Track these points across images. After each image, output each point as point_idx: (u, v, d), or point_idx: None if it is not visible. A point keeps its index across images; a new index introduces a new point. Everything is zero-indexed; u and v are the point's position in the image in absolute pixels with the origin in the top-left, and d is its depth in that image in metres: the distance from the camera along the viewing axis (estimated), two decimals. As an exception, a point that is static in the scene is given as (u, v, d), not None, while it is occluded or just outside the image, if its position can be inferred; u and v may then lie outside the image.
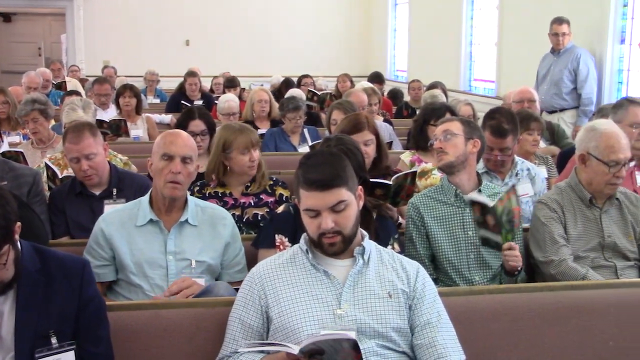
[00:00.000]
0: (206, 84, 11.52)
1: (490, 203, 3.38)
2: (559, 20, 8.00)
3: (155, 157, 3.40)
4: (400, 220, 4.09)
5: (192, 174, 3.45)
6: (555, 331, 3.02)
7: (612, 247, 3.67)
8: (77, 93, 8.22)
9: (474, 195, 3.53)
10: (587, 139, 3.75)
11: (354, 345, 2.33)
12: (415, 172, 4.13)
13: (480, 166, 4.26)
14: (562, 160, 5.38)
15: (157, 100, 11.51)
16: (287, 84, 10.63)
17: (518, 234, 3.60)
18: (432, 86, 8.93)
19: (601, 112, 5.58)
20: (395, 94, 11.01)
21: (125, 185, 4.16)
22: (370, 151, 4.18)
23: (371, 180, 3.74)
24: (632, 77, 8.41)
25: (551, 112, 7.88)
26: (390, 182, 3.85)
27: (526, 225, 3.87)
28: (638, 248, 3.71)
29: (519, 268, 3.47)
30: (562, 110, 7.85)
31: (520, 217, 3.48)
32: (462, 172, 3.74)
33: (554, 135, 6.39)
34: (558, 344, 3.02)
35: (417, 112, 6.85)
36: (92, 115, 5.50)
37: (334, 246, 2.63)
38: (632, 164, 4.31)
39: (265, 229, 3.54)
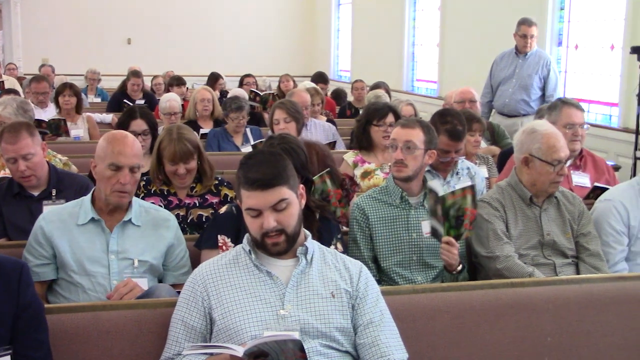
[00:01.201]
0: (149, 83, 11.40)
1: (441, 192, 3.40)
2: (528, 22, 7.64)
3: (101, 164, 3.33)
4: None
5: (139, 177, 3.42)
6: (496, 328, 3.06)
7: (551, 245, 3.74)
8: (15, 92, 8.05)
9: (432, 184, 3.53)
10: (529, 141, 3.81)
11: (299, 346, 2.33)
12: (329, 170, 4.03)
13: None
14: (502, 160, 5.46)
15: (99, 100, 11.34)
16: (215, 78, 10.70)
17: (463, 233, 3.60)
18: (376, 86, 8.98)
19: (539, 114, 5.68)
20: (338, 94, 11.04)
21: (65, 186, 4.09)
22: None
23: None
24: (569, 79, 8.61)
25: (514, 116, 7.62)
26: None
27: (467, 224, 3.92)
28: (575, 245, 3.79)
29: (459, 268, 3.51)
30: (525, 115, 7.53)
31: (472, 220, 3.48)
32: (414, 181, 3.77)
33: (494, 135, 6.48)
34: (498, 340, 3.06)
35: (360, 112, 6.88)
36: (29, 115, 5.37)
37: (278, 245, 2.63)
38: (568, 163, 4.40)
39: (208, 230, 3.51)
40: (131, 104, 8.59)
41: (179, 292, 2.81)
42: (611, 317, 3.17)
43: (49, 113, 7.54)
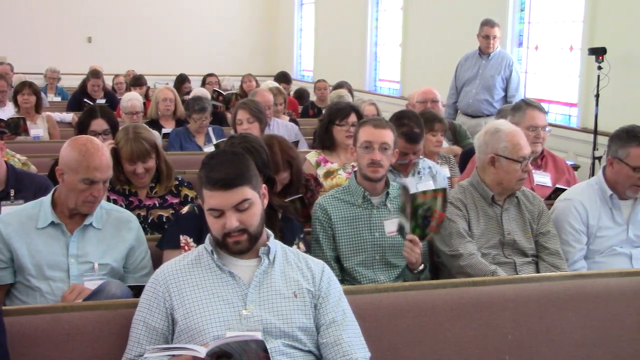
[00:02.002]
0: (110, 82, 11.29)
1: (412, 190, 3.41)
2: (490, 23, 7.67)
3: (72, 175, 3.25)
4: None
5: (107, 185, 3.41)
6: (458, 326, 3.08)
7: (512, 244, 3.78)
8: (-28, 91, 7.92)
9: (406, 181, 3.54)
10: (493, 141, 3.84)
11: (262, 346, 2.32)
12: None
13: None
14: (464, 160, 5.50)
15: (59, 99, 11.20)
16: (181, 80, 10.64)
17: (428, 234, 3.63)
18: (338, 86, 9.00)
19: (500, 114, 5.73)
20: (301, 94, 11.04)
21: (24, 186, 4.02)
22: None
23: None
24: (529, 79, 8.70)
25: (477, 116, 7.65)
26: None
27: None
28: (535, 244, 3.84)
29: (421, 268, 3.53)
30: (488, 115, 7.52)
31: (440, 222, 3.51)
32: (382, 180, 3.79)
33: (455, 135, 6.53)
34: (460, 338, 3.08)
35: (323, 111, 6.89)
36: None
37: (239, 244, 2.62)
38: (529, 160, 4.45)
39: (170, 230, 3.49)
40: (92, 103, 8.49)
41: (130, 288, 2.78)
42: (570, 314, 3.22)
43: (7, 112, 7.43)
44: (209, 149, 6.19)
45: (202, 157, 2.78)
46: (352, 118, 4.96)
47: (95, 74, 9.96)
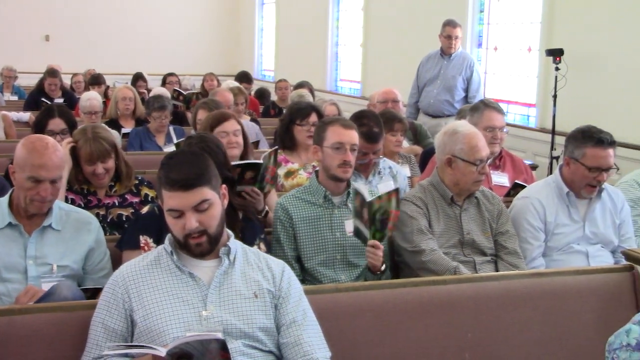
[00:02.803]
0: (68, 81, 11.16)
1: (368, 197, 3.42)
2: (452, 23, 7.71)
3: (20, 173, 3.21)
4: (267, 209, 4.08)
5: (60, 186, 3.35)
6: (418, 325, 3.10)
7: (471, 243, 3.82)
8: None
9: (359, 186, 3.55)
10: (451, 142, 3.87)
11: (223, 346, 2.31)
12: (276, 149, 4.13)
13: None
14: (424, 159, 5.54)
15: (15, 98, 11.03)
16: (138, 79, 10.60)
17: (386, 235, 3.65)
18: (299, 86, 8.99)
19: (460, 114, 5.78)
20: (262, 94, 11.03)
21: (-21, 187, 3.97)
22: (240, 141, 4.20)
23: (243, 162, 3.75)
24: (489, 79, 8.79)
25: (438, 116, 7.67)
26: (261, 161, 3.87)
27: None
28: (494, 244, 3.88)
29: (382, 268, 3.55)
30: (449, 116, 7.54)
31: (396, 221, 3.54)
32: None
33: (416, 135, 6.57)
34: (421, 337, 3.10)
35: (284, 111, 6.89)
36: None
37: (201, 246, 2.61)
38: (487, 162, 4.50)
39: (130, 230, 3.46)
40: (49, 102, 8.38)
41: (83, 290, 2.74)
42: (528, 312, 3.25)
43: (-38, 111, 7.30)
44: (170, 148, 6.16)
45: (162, 157, 2.76)
46: (313, 118, 4.96)
47: (52, 72, 9.81)
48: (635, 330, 2.15)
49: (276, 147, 4.17)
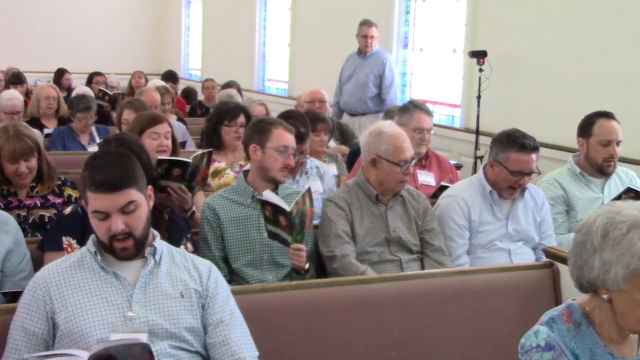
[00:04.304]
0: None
1: (287, 207, 3.40)
2: (368, 23, 7.88)
3: None
4: (194, 209, 4.06)
5: None
6: (345, 324, 3.12)
7: (397, 241, 3.86)
8: None
9: (269, 196, 3.53)
10: (376, 143, 3.91)
11: (147, 350, 2.28)
12: (210, 151, 4.11)
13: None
14: (351, 159, 5.58)
15: None
16: (61, 73, 10.38)
17: (308, 233, 3.69)
18: (227, 85, 8.96)
19: (388, 115, 5.84)
20: (188, 93, 10.94)
21: None
22: (170, 144, 4.18)
23: (171, 158, 3.71)
24: (415, 80, 8.90)
25: (353, 115, 7.85)
26: (190, 160, 3.84)
27: (317, 222, 3.98)
28: (420, 241, 3.93)
29: (306, 267, 3.56)
30: (363, 114, 7.78)
31: (312, 217, 3.56)
32: None
33: (343, 135, 6.62)
34: (347, 336, 3.12)
35: (211, 111, 6.85)
36: None
37: (127, 250, 2.56)
38: (413, 162, 4.55)
39: (52, 231, 3.38)
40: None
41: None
42: (453, 309, 3.31)
43: None
44: (93, 148, 6.05)
45: (86, 156, 2.71)
46: (241, 119, 4.94)
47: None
48: (543, 331, 2.21)
49: (210, 149, 4.13)
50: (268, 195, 3.52)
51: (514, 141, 4.00)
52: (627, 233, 2.08)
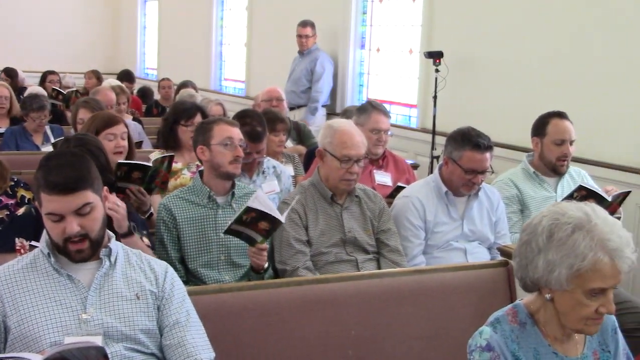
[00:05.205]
0: None
1: (281, 218, 3.40)
2: (303, 23, 8.53)
3: None
4: (152, 210, 4.03)
5: None
6: (302, 324, 3.12)
7: (353, 241, 3.87)
8: None
9: (260, 201, 3.46)
10: (323, 136, 3.95)
11: (102, 353, 2.26)
12: (172, 155, 4.09)
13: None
14: (308, 159, 5.59)
15: None
16: (9, 74, 10.25)
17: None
18: (183, 85, 8.91)
19: (345, 114, 5.85)
20: (145, 92, 10.85)
21: None
22: (126, 145, 4.15)
23: (131, 161, 3.69)
24: (371, 80, 8.93)
25: (291, 109, 8.22)
26: (150, 164, 3.81)
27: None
28: (376, 242, 3.95)
29: (265, 266, 3.56)
30: (298, 107, 8.46)
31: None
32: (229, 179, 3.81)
33: (300, 134, 6.63)
34: (305, 336, 3.12)
35: (167, 110, 6.80)
36: None
37: (82, 253, 2.53)
38: (361, 163, 4.56)
39: (4, 232, 3.33)
40: None
41: None
42: (409, 308, 3.33)
43: None
44: (48, 148, 5.97)
45: (39, 157, 2.67)
46: (198, 118, 4.91)
47: None
48: (486, 332, 2.25)
49: (172, 154, 4.10)
50: (259, 200, 3.38)
51: (469, 139, 4.04)
52: (571, 234, 2.12)
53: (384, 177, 5.00)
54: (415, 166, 6.00)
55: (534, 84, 6.39)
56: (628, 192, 4.41)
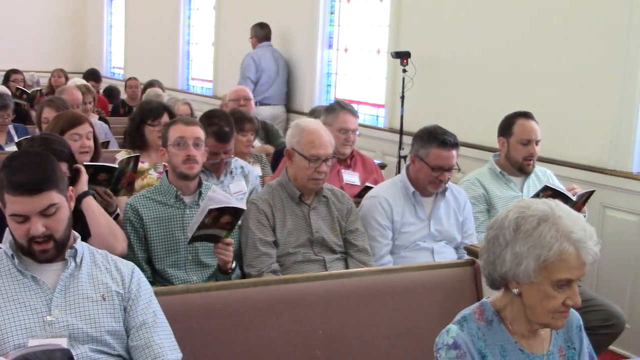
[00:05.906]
0: None
1: (242, 206, 3.42)
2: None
3: None
4: (119, 211, 4.00)
5: None
6: (269, 324, 3.11)
7: (321, 242, 3.87)
8: None
9: (217, 199, 3.45)
10: (291, 135, 3.96)
11: (68, 355, 2.24)
12: (137, 156, 4.06)
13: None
14: (276, 159, 5.58)
15: None
16: None
17: (236, 232, 3.69)
18: (150, 84, 8.86)
19: (314, 114, 5.86)
20: (111, 92, 10.76)
21: None
22: (92, 145, 4.12)
23: (96, 164, 3.66)
24: (339, 80, 8.95)
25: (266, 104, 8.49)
26: (116, 165, 3.79)
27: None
28: (344, 242, 3.95)
29: (232, 266, 3.55)
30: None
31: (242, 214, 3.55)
32: (196, 178, 3.78)
33: (268, 134, 6.61)
34: (272, 336, 3.11)
35: (134, 110, 6.75)
36: None
37: (47, 253, 2.50)
38: (329, 162, 4.57)
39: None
40: None
41: None
42: (377, 308, 3.33)
43: None
44: (11, 148, 5.90)
45: (3, 157, 2.63)
46: (165, 118, 4.88)
47: None
48: (453, 330, 2.27)
49: (137, 155, 4.08)
50: (214, 200, 3.35)
51: (435, 137, 4.07)
52: (537, 226, 2.15)
53: (352, 177, 5.01)
54: (382, 166, 6.02)
55: (500, 85, 6.45)
56: (592, 192, 4.47)
